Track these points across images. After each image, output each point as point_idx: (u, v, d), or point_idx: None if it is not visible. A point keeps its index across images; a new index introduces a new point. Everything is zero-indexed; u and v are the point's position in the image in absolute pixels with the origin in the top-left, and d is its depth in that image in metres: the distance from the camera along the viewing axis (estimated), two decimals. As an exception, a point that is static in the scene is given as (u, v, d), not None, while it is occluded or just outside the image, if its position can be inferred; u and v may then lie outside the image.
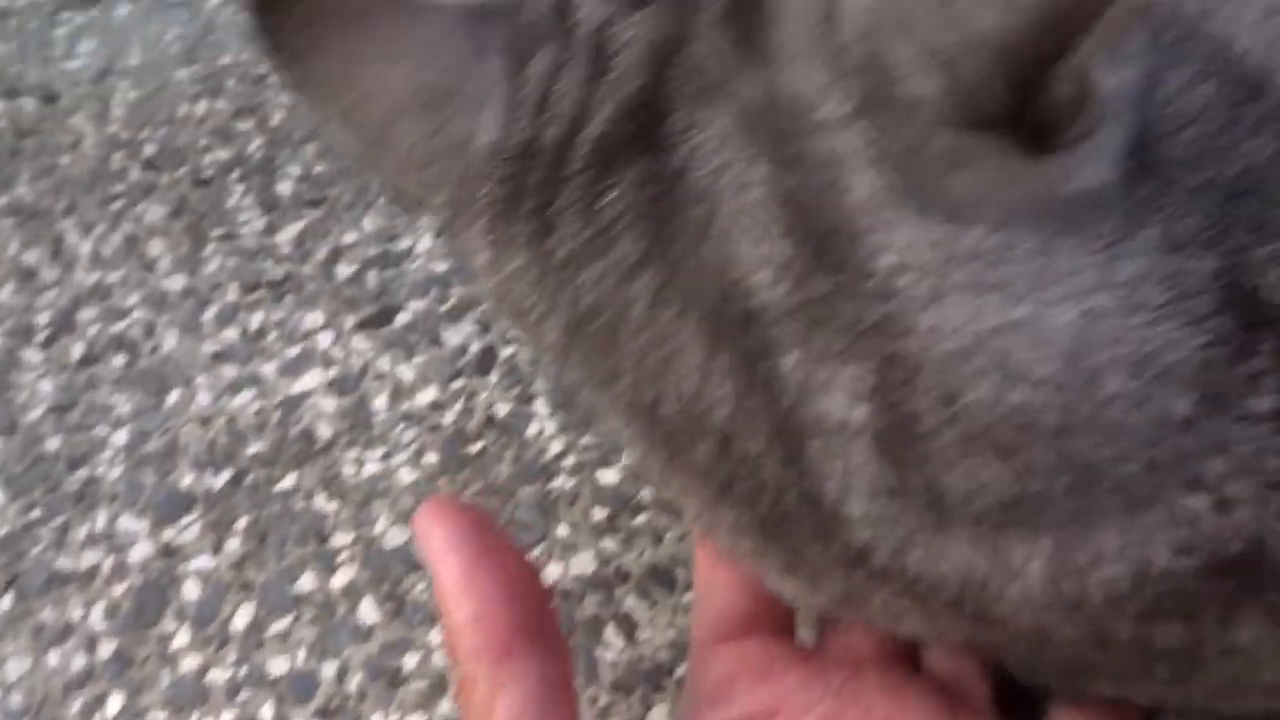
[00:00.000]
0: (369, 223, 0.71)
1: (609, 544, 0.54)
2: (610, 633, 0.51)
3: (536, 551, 0.54)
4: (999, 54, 0.24)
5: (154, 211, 0.75)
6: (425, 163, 0.31)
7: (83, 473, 0.61)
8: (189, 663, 0.53)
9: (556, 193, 0.29)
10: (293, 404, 0.62)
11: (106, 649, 0.54)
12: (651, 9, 0.29)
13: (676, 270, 0.27)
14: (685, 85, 0.28)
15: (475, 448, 0.59)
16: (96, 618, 0.55)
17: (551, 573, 0.53)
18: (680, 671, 0.49)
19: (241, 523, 0.58)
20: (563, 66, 0.30)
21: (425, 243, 0.69)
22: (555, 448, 0.58)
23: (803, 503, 0.27)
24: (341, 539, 0.56)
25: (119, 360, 0.67)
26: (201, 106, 0.83)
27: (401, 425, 0.60)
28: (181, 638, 0.54)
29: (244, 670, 0.52)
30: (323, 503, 0.58)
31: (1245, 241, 0.27)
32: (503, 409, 0.60)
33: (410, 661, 0.51)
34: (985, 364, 0.25)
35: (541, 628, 0.35)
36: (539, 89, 0.30)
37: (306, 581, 0.55)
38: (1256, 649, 0.28)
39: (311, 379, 0.63)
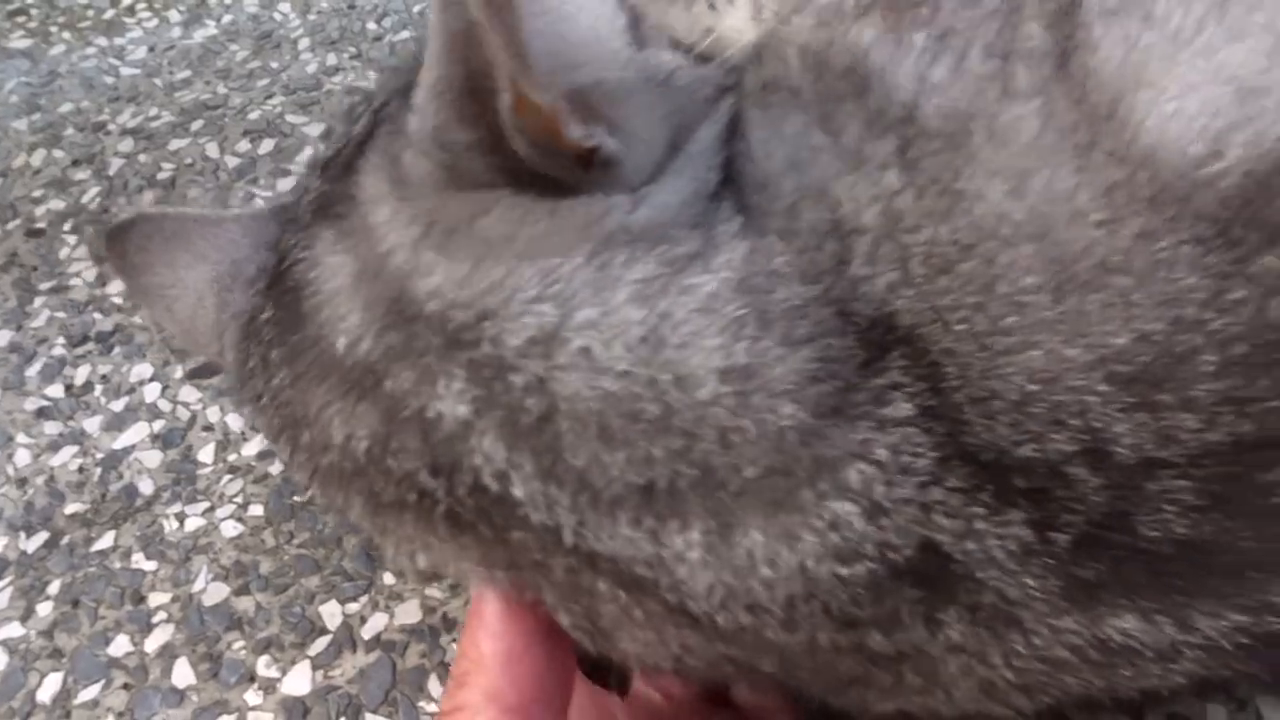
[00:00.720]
0: (204, 270, 0.69)
1: (435, 592, 0.53)
2: (433, 683, 0.50)
3: (362, 601, 0.53)
4: (458, 132, 0.29)
5: (-18, 266, 0.73)
6: (220, 332, 0.38)
7: (-111, 542, 0.58)
8: (-10, 738, 0.50)
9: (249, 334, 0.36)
10: (115, 459, 0.60)
11: (-97, 729, 0.51)
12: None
13: (309, 356, 0.33)
14: (307, 217, 0.35)
15: (302, 498, 0.57)
16: (-105, 695, 0.52)
17: (377, 623, 0.52)
18: None
19: (54, 586, 0.55)
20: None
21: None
22: (383, 493, 0.56)
23: (476, 496, 0.30)
24: (159, 598, 0.54)
25: (-65, 422, 0.64)
26: (39, 156, 0.80)
27: (227, 478, 0.59)
28: (-16, 712, 0.51)
29: (48, 743, 0.49)
30: (141, 561, 0.56)
31: (865, 273, 0.28)
32: (332, 456, 0.58)
33: (225, 724, 0.49)
34: (567, 359, 0.29)
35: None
36: None
37: (120, 645, 0.52)
38: (976, 645, 0.29)
39: (136, 433, 0.61)
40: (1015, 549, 0.27)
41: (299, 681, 0.50)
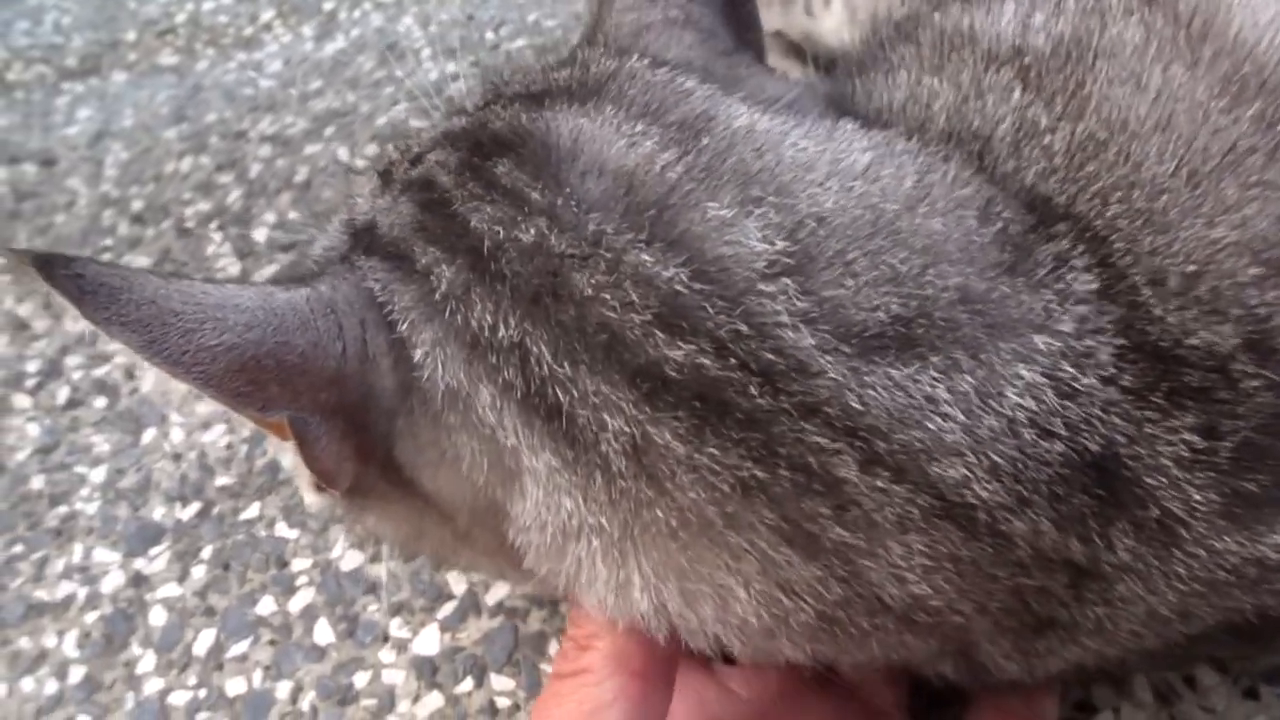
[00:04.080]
0: (338, 264, 0.74)
1: (553, 560, 0.55)
2: (555, 648, 0.52)
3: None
4: None
5: (139, 262, 0.79)
6: None
7: (62, 509, 0.64)
8: (152, 685, 0.55)
9: None
10: (259, 438, 0.65)
11: (77, 674, 0.56)
12: None
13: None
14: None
15: (430, 473, 0.61)
16: (69, 645, 0.58)
17: (499, 590, 0.55)
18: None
19: (207, 551, 0.60)
20: None
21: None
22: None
23: None
24: (300, 564, 0.58)
25: (100, 402, 0.70)
26: (186, 163, 0.87)
27: (361, 454, 0.63)
28: (146, 662, 0.56)
29: (204, 692, 0.54)
30: (284, 530, 0.60)
31: (1009, 168, 0.31)
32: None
33: (361, 680, 0.53)
34: None
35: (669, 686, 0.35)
36: None
37: (266, 605, 0.57)
38: (1142, 567, 0.28)
39: (278, 413, 0.66)
40: (1185, 455, 0.26)
41: (428, 642, 0.53)
